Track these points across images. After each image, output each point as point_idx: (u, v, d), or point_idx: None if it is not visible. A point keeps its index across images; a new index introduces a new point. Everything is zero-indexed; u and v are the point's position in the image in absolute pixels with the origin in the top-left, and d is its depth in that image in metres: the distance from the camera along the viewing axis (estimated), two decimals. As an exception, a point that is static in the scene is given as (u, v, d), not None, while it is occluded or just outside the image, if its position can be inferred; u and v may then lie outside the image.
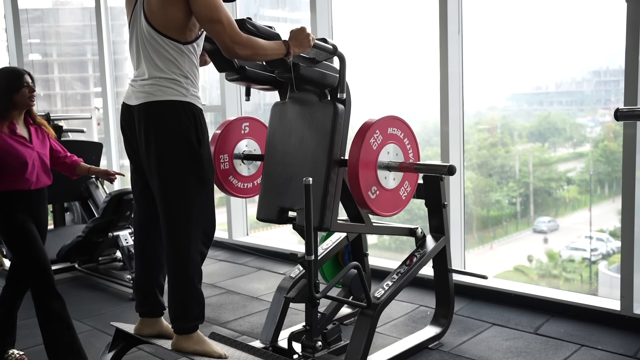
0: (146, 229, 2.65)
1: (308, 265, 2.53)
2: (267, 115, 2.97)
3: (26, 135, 2.87)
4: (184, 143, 2.39)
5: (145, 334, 2.67)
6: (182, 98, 2.39)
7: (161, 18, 2.33)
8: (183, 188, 2.42)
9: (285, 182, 2.80)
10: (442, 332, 3.20)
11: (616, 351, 2.98)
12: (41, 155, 2.89)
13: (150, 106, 2.39)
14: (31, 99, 2.84)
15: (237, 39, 2.28)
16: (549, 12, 4.04)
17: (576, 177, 4.35)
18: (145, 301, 2.67)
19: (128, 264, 4.25)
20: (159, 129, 2.39)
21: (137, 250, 2.70)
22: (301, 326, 2.96)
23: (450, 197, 3.84)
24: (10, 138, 2.79)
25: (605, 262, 4.13)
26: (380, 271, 4.00)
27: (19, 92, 2.79)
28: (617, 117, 2.45)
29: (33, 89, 2.85)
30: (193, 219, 2.44)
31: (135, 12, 2.43)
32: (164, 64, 2.37)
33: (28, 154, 2.81)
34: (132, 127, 2.50)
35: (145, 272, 2.67)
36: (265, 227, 5.64)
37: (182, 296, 2.47)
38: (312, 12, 4.49)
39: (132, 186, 2.67)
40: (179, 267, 2.46)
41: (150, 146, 2.41)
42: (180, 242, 2.44)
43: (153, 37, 2.36)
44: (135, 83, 2.46)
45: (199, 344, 2.49)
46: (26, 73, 2.87)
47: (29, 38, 7.57)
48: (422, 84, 4.68)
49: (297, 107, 2.83)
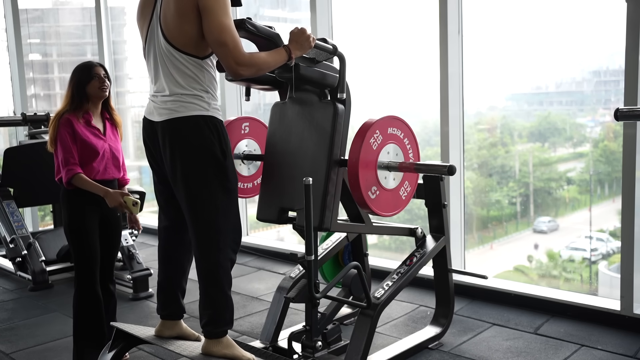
0: (171, 236, 2.71)
1: (308, 265, 2.53)
2: (267, 115, 2.97)
3: (101, 127, 2.99)
4: (209, 157, 2.44)
5: (166, 336, 2.72)
6: (204, 112, 2.44)
7: (179, 35, 2.37)
8: (211, 201, 2.47)
9: (285, 182, 2.80)
10: (442, 332, 3.20)
11: (616, 351, 2.98)
12: (112, 148, 3.01)
13: (174, 122, 2.42)
14: (102, 90, 2.94)
15: (241, 61, 2.31)
16: (549, 12, 4.04)
17: (576, 177, 4.35)
18: (168, 305, 2.73)
19: (128, 264, 4.25)
20: (184, 145, 2.43)
21: (162, 257, 2.74)
22: (301, 326, 2.96)
23: (450, 197, 3.84)
24: (85, 127, 2.91)
25: (605, 262, 4.13)
26: (380, 271, 4.00)
27: (89, 83, 2.92)
28: (617, 117, 2.46)
29: (103, 79, 2.95)
30: (222, 229, 2.50)
31: (152, 29, 2.46)
32: (185, 80, 2.41)
33: (100, 144, 2.94)
34: (155, 142, 2.54)
35: (169, 278, 2.73)
36: (266, 227, 5.64)
37: (213, 303, 2.52)
38: (312, 12, 4.49)
39: (157, 195, 2.71)
40: (210, 276, 2.51)
41: (176, 161, 2.45)
42: (210, 251, 2.49)
43: (172, 54, 2.40)
44: (156, 99, 2.49)
45: (227, 347, 2.54)
46: (98, 65, 2.99)
47: (29, 38, 7.57)
48: (422, 84, 4.68)
49: (297, 107, 2.83)
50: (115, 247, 3.12)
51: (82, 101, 2.93)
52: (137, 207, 2.86)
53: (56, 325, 3.67)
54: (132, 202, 2.85)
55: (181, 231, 2.67)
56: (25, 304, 4.16)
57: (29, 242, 4.61)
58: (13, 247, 4.61)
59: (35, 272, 4.46)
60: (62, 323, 3.70)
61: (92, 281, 2.94)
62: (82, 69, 2.95)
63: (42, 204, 5.80)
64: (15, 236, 4.64)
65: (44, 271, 4.49)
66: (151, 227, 6.10)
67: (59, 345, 3.35)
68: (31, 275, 4.47)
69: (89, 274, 2.93)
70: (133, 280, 4.17)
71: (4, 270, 4.94)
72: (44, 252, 4.62)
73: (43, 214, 7.07)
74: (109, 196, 2.84)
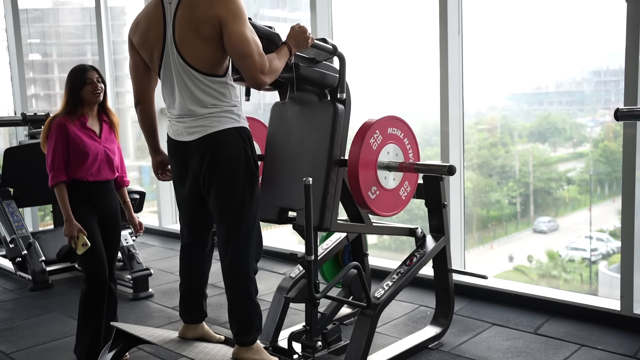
0: (194, 253, 2.73)
1: (308, 265, 2.53)
2: (267, 115, 2.97)
3: (97, 129, 3.02)
4: (245, 167, 2.47)
5: (189, 337, 2.78)
6: (237, 124, 2.46)
7: (204, 59, 2.36)
8: (244, 211, 2.50)
9: (285, 182, 2.80)
10: (442, 332, 3.20)
11: (616, 351, 2.98)
12: (107, 150, 3.03)
13: (212, 137, 2.43)
14: (95, 94, 2.97)
15: (266, 70, 2.32)
16: (549, 12, 4.04)
17: (576, 177, 4.35)
18: (191, 311, 2.78)
19: (128, 264, 4.25)
20: (224, 157, 2.44)
21: (185, 271, 2.77)
22: (301, 326, 2.96)
23: (450, 197, 3.83)
24: (79, 129, 2.95)
25: (605, 262, 4.13)
26: (380, 271, 4.00)
27: (83, 88, 2.94)
28: (617, 117, 2.45)
29: (96, 84, 2.97)
30: (251, 240, 2.53)
31: (166, 55, 2.42)
32: (213, 100, 2.41)
33: (93, 146, 2.97)
34: (185, 161, 2.53)
35: (193, 287, 2.76)
36: (265, 227, 5.64)
37: (243, 312, 2.55)
38: (312, 12, 4.49)
39: (183, 213, 2.71)
40: (239, 286, 2.54)
41: (214, 174, 2.46)
42: (240, 262, 2.52)
43: (197, 78, 2.38)
44: (184, 119, 2.47)
45: (257, 353, 2.58)
46: (91, 69, 3.00)
47: (29, 38, 7.57)
48: (422, 84, 4.68)
49: (297, 107, 2.83)
50: (115, 245, 3.14)
51: (76, 105, 2.96)
52: (85, 248, 2.89)
53: (56, 325, 3.67)
54: (82, 243, 2.89)
55: (204, 247, 2.73)
56: (25, 304, 4.16)
57: (29, 242, 4.61)
58: (13, 247, 4.61)
59: (35, 272, 4.46)
60: (62, 323, 3.70)
61: (101, 274, 2.99)
62: (75, 73, 2.97)
63: (42, 204, 5.80)
64: (15, 236, 4.64)
65: (44, 271, 4.49)
66: (151, 227, 6.12)
67: (59, 345, 3.35)
68: (31, 275, 4.47)
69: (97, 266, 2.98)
70: (133, 280, 4.17)
71: (4, 270, 4.94)
72: (44, 252, 4.62)
73: (43, 214, 7.07)
74: (67, 225, 2.89)
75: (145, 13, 2.48)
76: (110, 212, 3.07)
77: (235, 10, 2.30)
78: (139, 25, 2.49)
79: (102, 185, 3.02)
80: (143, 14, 2.49)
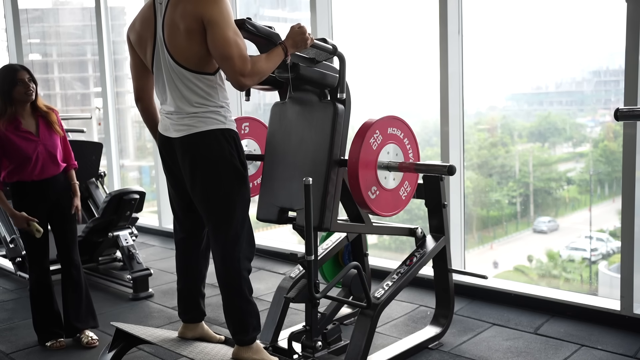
0: (188, 248, 2.76)
1: (308, 265, 2.53)
2: (267, 115, 2.97)
3: (33, 128, 3.00)
4: (230, 169, 2.47)
5: (189, 337, 2.79)
6: (222, 126, 2.46)
7: (189, 56, 2.37)
8: (231, 212, 2.50)
9: (285, 182, 2.80)
10: (442, 332, 3.20)
11: (616, 351, 2.98)
12: (47, 146, 3.02)
13: (193, 137, 2.44)
14: (27, 94, 2.95)
15: (246, 72, 2.31)
16: (549, 12, 4.04)
17: (576, 177, 4.35)
18: (189, 310, 2.80)
19: (128, 264, 4.25)
20: (205, 159, 2.45)
21: (181, 267, 2.80)
22: (301, 326, 2.96)
23: (450, 197, 3.83)
24: (14, 134, 2.93)
25: (605, 262, 4.13)
26: (380, 271, 4.00)
27: (14, 89, 2.92)
28: (617, 117, 2.45)
29: (28, 84, 2.94)
30: (241, 239, 2.54)
31: (157, 52, 2.45)
32: (199, 99, 2.42)
33: (32, 148, 2.96)
34: (173, 156, 2.56)
35: (189, 286, 2.79)
36: (265, 227, 5.63)
37: (239, 312, 2.56)
38: (312, 12, 4.49)
39: (174, 208, 2.77)
40: (232, 286, 2.55)
41: (197, 175, 2.48)
42: (232, 262, 2.52)
43: (185, 76, 2.40)
44: (172, 116, 2.50)
45: (257, 353, 2.59)
46: (21, 69, 2.97)
47: (29, 38, 7.57)
48: (422, 84, 4.68)
49: (297, 107, 2.83)
50: (71, 230, 3.20)
51: (6, 107, 2.94)
52: (39, 233, 3.03)
53: (56, 325, 3.67)
54: (35, 229, 3.05)
55: (198, 242, 2.75)
56: (25, 304, 4.15)
57: (29, 242, 4.61)
58: (13, 247, 4.61)
59: (35, 272, 4.45)
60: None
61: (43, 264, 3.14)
62: (5, 74, 2.95)
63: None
64: (15, 236, 4.63)
65: (44, 271, 4.48)
66: (151, 227, 6.11)
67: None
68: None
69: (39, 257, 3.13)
70: (133, 280, 4.17)
71: (4, 270, 4.94)
72: (44, 252, 4.61)
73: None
74: (14, 219, 3.00)
75: (141, 13, 2.53)
76: (59, 199, 3.11)
77: (219, 12, 2.30)
78: (135, 25, 2.54)
79: (50, 182, 3.07)
80: (139, 14, 2.54)
